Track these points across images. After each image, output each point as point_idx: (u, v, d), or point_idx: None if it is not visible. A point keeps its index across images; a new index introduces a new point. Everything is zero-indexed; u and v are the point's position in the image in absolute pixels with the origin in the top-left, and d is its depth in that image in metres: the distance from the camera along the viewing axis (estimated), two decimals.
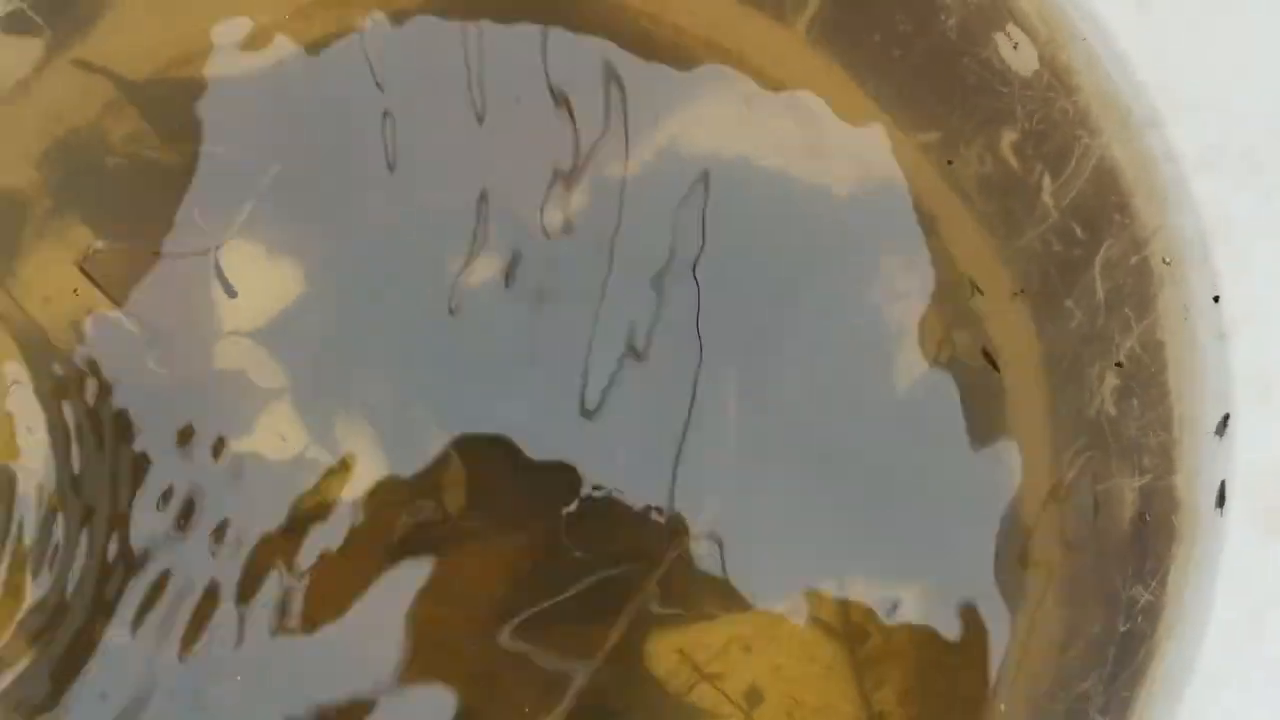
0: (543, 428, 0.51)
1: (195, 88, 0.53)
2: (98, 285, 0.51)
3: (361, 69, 0.54)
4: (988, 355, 0.51)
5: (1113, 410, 0.50)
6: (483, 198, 0.54)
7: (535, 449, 0.51)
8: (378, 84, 0.54)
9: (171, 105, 0.53)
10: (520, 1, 0.55)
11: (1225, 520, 0.43)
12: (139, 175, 0.53)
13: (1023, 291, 0.51)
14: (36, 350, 0.51)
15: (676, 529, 0.51)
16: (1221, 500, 0.43)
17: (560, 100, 0.55)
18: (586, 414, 0.52)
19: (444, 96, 0.54)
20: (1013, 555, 0.52)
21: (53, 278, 0.52)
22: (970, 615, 0.52)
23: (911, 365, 0.54)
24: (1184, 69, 0.47)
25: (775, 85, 0.56)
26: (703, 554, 0.51)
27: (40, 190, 0.52)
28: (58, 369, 0.51)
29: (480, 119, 0.54)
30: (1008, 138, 0.53)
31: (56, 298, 0.52)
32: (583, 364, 0.52)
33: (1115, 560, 0.48)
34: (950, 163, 0.54)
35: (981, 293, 0.52)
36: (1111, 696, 0.44)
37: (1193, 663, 0.42)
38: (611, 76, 0.55)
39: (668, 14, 0.55)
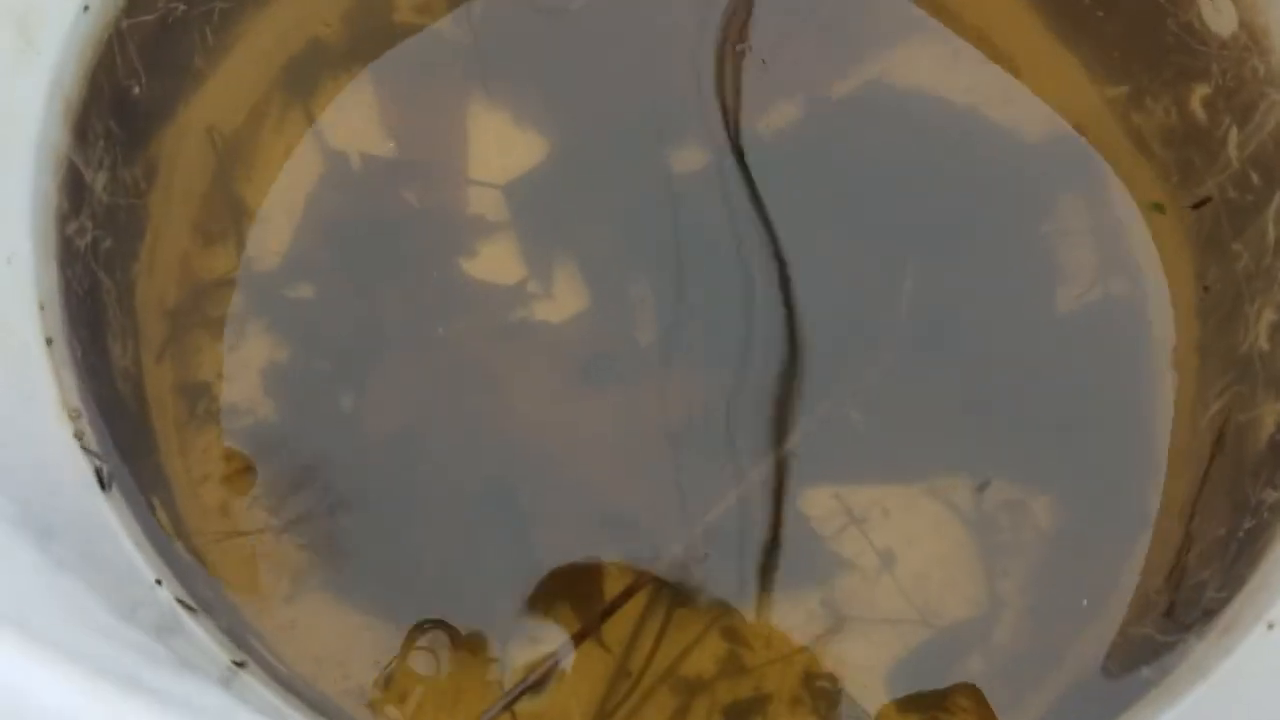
0: (730, 286, 0.58)
1: None
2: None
3: None
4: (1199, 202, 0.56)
5: (1266, 345, 0.53)
6: (703, 98, 0.61)
7: (722, 301, 0.57)
8: None
9: None
10: None
11: None
12: (420, 42, 0.62)
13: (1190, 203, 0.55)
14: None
15: (837, 391, 0.56)
16: None
17: (784, 27, 0.62)
18: (770, 284, 0.58)
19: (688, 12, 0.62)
20: (1146, 476, 0.55)
21: (339, 115, 0.61)
22: (1096, 526, 0.55)
23: (1072, 294, 0.58)
24: None
25: (982, 36, 0.62)
26: (858, 421, 0.56)
27: (340, 40, 0.62)
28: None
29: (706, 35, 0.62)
30: (1199, 93, 0.57)
31: (340, 134, 0.61)
32: (772, 246, 0.58)
33: (1249, 475, 0.50)
34: (1135, 115, 0.59)
35: (1164, 212, 0.57)
36: (1229, 577, 0.47)
37: None
38: (835, 11, 0.62)
39: None
